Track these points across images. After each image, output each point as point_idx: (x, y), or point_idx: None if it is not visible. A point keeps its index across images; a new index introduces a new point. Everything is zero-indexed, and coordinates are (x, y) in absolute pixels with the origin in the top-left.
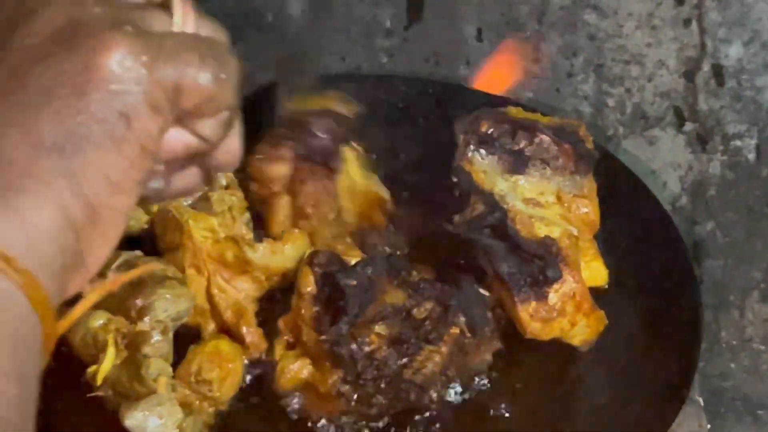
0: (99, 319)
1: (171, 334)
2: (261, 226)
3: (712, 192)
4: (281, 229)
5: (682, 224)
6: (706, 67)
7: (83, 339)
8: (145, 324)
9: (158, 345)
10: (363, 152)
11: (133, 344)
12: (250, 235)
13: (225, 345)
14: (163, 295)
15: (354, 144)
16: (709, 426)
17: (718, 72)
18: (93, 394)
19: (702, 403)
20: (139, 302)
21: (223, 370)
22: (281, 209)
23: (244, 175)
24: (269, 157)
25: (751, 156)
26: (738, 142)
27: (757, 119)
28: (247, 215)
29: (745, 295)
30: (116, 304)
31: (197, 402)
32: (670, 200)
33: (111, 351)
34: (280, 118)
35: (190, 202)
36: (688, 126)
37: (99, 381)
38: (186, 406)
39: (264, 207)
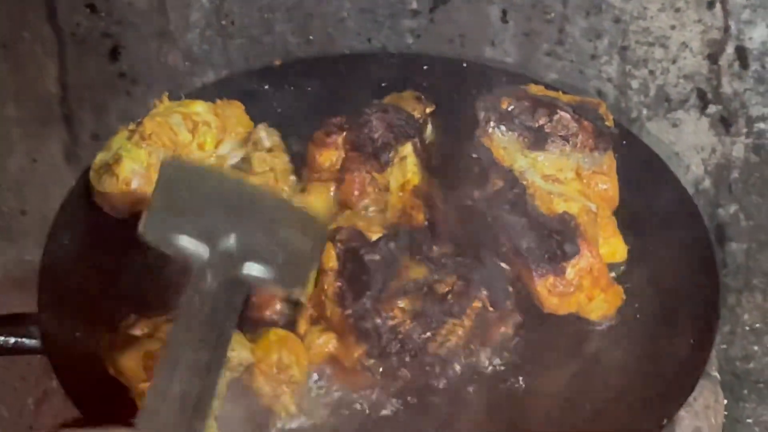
0: (158, 344)
1: (228, 375)
2: None
3: (735, 175)
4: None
5: (705, 207)
6: (730, 49)
7: (141, 361)
8: None
9: None
10: (423, 152)
11: None
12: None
13: (281, 331)
14: (235, 336)
15: (417, 143)
16: (725, 401)
17: (742, 54)
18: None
19: (719, 378)
20: None
21: (296, 354)
22: (325, 195)
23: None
24: (321, 144)
25: None
26: (762, 125)
27: None
28: (293, 178)
29: None
30: None
31: (281, 393)
32: (693, 183)
33: None
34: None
35: (234, 162)
36: (712, 108)
37: None
38: (274, 399)
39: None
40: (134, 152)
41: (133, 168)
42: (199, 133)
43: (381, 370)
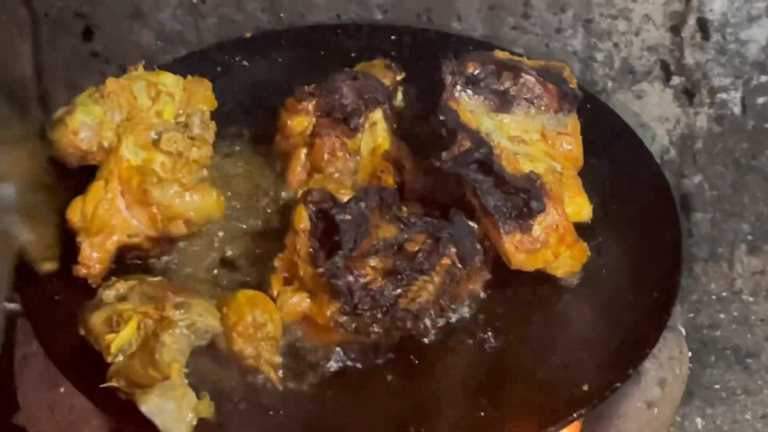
0: (127, 304)
1: (192, 339)
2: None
3: (699, 145)
4: (297, 180)
5: (671, 178)
6: (691, 21)
7: (107, 320)
8: (176, 314)
9: (180, 336)
10: (393, 118)
11: (155, 332)
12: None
13: (249, 292)
14: (203, 303)
15: (387, 109)
16: (694, 355)
17: (703, 26)
18: (106, 385)
19: (683, 332)
20: (178, 298)
21: (269, 310)
22: (298, 160)
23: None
24: (292, 110)
25: (737, 109)
26: (724, 95)
27: (741, 72)
28: (203, 172)
29: (734, 247)
30: (149, 295)
31: (263, 350)
32: (658, 154)
33: (133, 324)
34: None
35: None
36: (675, 80)
37: (113, 349)
38: (255, 359)
39: (285, 158)
40: (90, 107)
41: (83, 120)
42: (160, 102)
43: (354, 326)
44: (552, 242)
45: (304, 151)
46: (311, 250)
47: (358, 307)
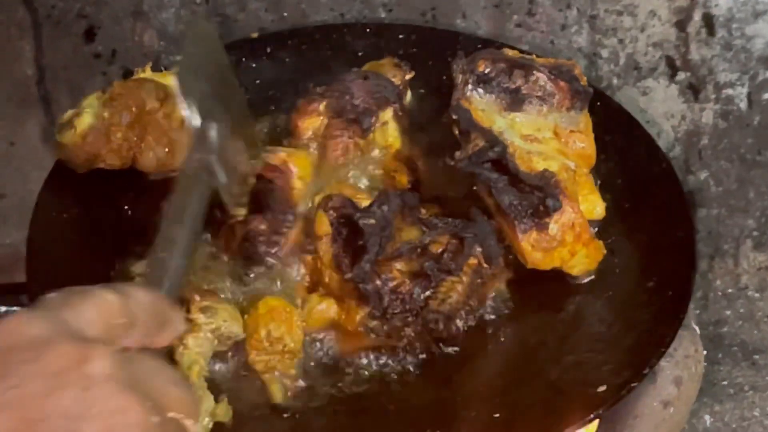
0: None
1: (214, 344)
2: None
3: (705, 141)
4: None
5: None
6: (697, 16)
7: None
8: (200, 318)
9: (203, 340)
10: (404, 118)
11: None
12: None
13: (272, 301)
14: (228, 309)
15: (397, 109)
16: (705, 352)
17: (708, 21)
18: None
19: (698, 331)
20: (204, 302)
21: (287, 323)
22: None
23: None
24: (303, 111)
25: (743, 104)
26: (730, 91)
27: (747, 68)
28: None
29: (739, 243)
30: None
31: (277, 363)
32: (664, 150)
33: None
34: None
35: None
36: (681, 76)
37: None
38: (270, 370)
39: None
40: (98, 110)
41: (91, 123)
42: (168, 104)
43: (385, 330)
44: (569, 240)
45: (315, 151)
46: (336, 255)
47: (388, 311)
